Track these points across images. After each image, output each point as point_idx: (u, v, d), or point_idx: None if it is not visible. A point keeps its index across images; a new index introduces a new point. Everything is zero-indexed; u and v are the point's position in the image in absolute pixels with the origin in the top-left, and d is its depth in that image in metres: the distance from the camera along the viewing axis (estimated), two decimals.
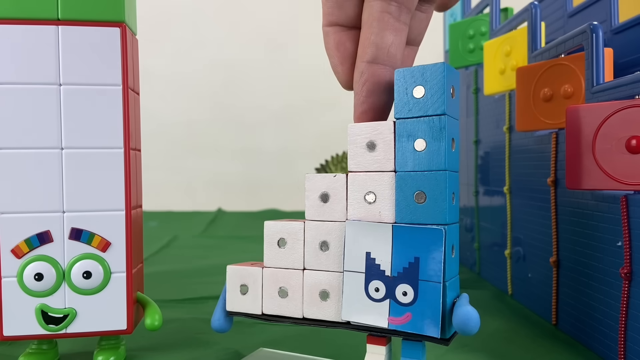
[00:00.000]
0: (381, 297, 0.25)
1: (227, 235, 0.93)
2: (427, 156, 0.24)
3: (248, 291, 0.29)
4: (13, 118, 0.30)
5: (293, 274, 0.28)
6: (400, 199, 0.25)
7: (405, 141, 0.25)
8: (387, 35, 0.26)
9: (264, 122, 1.38)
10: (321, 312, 0.27)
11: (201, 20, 1.38)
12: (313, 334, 0.38)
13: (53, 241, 0.31)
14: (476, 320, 0.23)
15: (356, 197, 0.26)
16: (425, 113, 0.24)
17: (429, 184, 0.24)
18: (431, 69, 0.24)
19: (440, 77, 0.24)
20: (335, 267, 0.27)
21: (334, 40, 0.27)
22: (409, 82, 0.25)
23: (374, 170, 0.26)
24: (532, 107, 0.41)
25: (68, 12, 0.30)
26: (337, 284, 0.27)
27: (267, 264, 0.29)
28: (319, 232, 0.27)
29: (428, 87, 0.24)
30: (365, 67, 0.26)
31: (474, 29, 0.58)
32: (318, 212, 0.27)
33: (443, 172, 0.24)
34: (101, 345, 0.34)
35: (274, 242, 0.28)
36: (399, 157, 0.25)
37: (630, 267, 0.31)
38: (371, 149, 0.26)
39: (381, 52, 0.26)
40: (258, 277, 0.29)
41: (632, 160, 0.30)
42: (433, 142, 0.24)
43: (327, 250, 0.27)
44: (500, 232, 0.52)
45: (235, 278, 0.30)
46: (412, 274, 0.24)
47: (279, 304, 0.28)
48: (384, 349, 0.26)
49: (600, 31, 0.34)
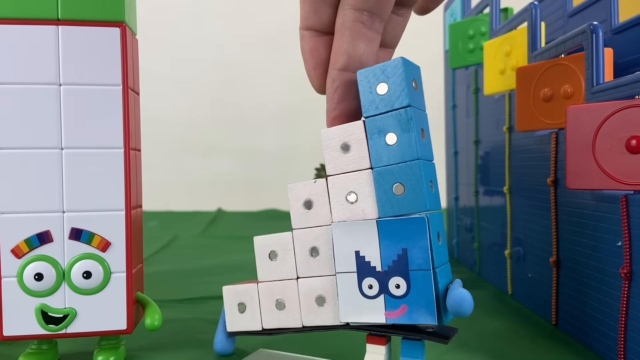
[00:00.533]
0: (375, 294, 0.25)
1: (227, 235, 0.93)
2: (400, 148, 0.25)
3: (246, 309, 0.30)
4: (13, 118, 0.30)
5: (288, 284, 0.28)
6: (380, 194, 0.25)
7: (377, 137, 0.25)
8: (358, 44, 0.26)
9: (264, 122, 1.38)
10: (320, 317, 0.27)
11: (201, 20, 1.38)
12: (313, 335, 0.38)
13: (53, 241, 0.31)
14: (469, 301, 0.24)
15: (338, 199, 0.27)
16: (392, 107, 0.25)
17: (405, 175, 0.25)
18: (390, 65, 0.25)
19: (399, 71, 0.25)
20: (327, 271, 0.27)
21: (309, 45, 0.28)
22: (372, 81, 0.25)
23: (351, 171, 0.26)
24: (532, 107, 0.41)
25: (68, 12, 0.30)
26: (332, 287, 0.27)
27: (262, 279, 0.29)
28: (307, 239, 0.28)
29: (390, 82, 0.25)
30: (337, 74, 0.26)
31: (474, 29, 0.58)
32: (304, 219, 0.28)
33: (417, 161, 0.25)
34: (101, 345, 0.34)
35: (265, 255, 0.29)
36: (373, 153, 0.26)
37: (630, 267, 0.31)
38: (346, 151, 0.26)
39: (352, 60, 0.26)
40: (254, 293, 0.29)
41: (632, 160, 0.30)
42: (403, 134, 0.25)
43: (317, 255, 0.27)
44: (500, 232, 0.52)
45: (232, 298, 0.30)
46: (402, 266, 0.25)
47: (277, 316, 0.29)
48: (383, 348, 0.27)
49: (600, 31, 0.34)
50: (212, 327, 0.41)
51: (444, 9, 0.74)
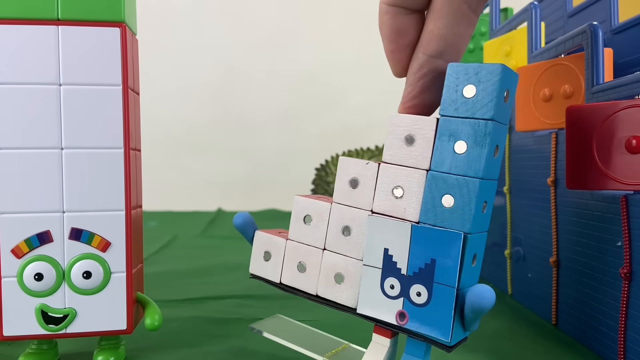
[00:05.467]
0: (396, 295, 0.25)
1: (227, 235, 0.93)
2: (466, 160, 0.23)
3: (271, 258, 0.30)
4: (13, 118, 0.30)
5: (313, 251, 0.28)
6: (427, 199, 0.24)
7: (445, 140, 0.23)
8: (459, 29, 0.23)
9: (264, 122, 1.38)
10: (334, 294, 0.27)
11: (201, 19, 1.38)
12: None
13: (53, 241, 0.31)
14: (491, 293, 0.22)
15: (384, 189, 0.25)
16: (472, 115, 0.23)
17: (459, 190, 0.23)
18: (487, 68, 0.22)
19: (495, 79, 0.22)
20: (354, 253, 0.27)
21: (395, 24, 0.24)
22: (461, 80, 0.23)
23: (407, 166, 0.25)
24: (532, 107, 0.41)
25: (68, 12, 0.30)
26: (354, 270, 0.27)
27: (291, 237, 0.29)
28: (343, 217, 0.27)
29: (480, 87, 0.22)
30: (427, 60, 0.24)
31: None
32: (346, 196, 0.27)
33: (478, 180, 0.23)
34: (101, 345, 0.34)
35: (301, 217, 0.28)
36: (437, 156, 0.24)
37: (630, 267, 0.31)
38: (409, 143, 0.24)
39: (449, 47, 0.24)
40: (281, 247, 0.29)
41: (632, 160, 0.30)
42: (475, 146, 0.23)
43: (348, 235, 0.27)
44: (500, 232, 0.52)
45: (261, 244, 0.30)
46: (427, 275, 0.24)
47: (296, 276, 0.28)
48: (388, 340, 0.27)
49: (600, 31, 0.34)
50: (212, 327, 0.41)
51: None
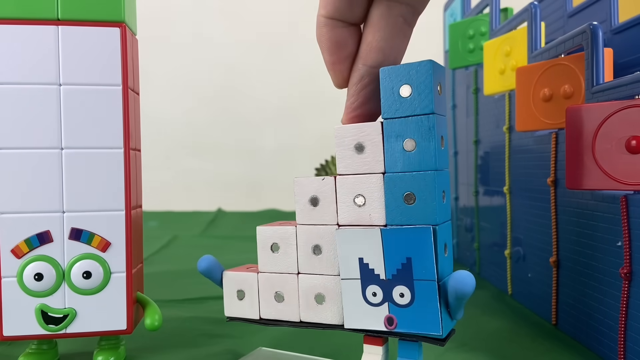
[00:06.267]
0: (380, 301, 0.25)
1: (227, 235, 0.93)
2: (417, 156, 0.24)
3: (245, 296, 0.29)
4: (13, 118, 0.30)
5: (288, 278, 0.28)
6: (390, 201, 0.25)
7: (394, 141, 0.24)
8: (396, 41, 0.24)
9: (264, 121, 1.38)
10: (318, 315, 0.27)
11: (201, 19, 1.38)
12: (312, 334, 0.38)
13: (53, 241, 0.31)
14: (472, 279, 0.23)
15: (345, 200, 0.26)
16: (413, 112, 0.24)
17: (417, 185, 0.24)
18: (417, 67, 0.23)
19: (426, 75, 0.23)
20: (330, 270, 0.27)
21: (334, 36, 0.25)
22: (395, 81, 0.24)
23: (363, 173, 0.25)
24: (531, 107, 0.41)
25: (68, 12, 0.30)
26: (332, 287, 0.27)
27: (262, 269, 0.29)
28: (311, 236, 0.27)
29: (415, 85, 0.24)
30: (367, 71, 0.25)
31: (474, 29, 0.58)
32: (308, 216, 0.27)
33: (432, 172, 0.24)
34: (101, 345, 0.34)
35: (267, 247, 0.28)
36: (388, 158, 0.25)
37: (630, 267, 0.31)
38: (360, 151, 0.25)
39: (387, 58, 0.25)
40: (254, 282, 0.29)
41: (632, 160, 0.30)
42: (422, 141, 0.24)
43: (320, 253, 0.27)
44: (500, 232, 0.52)
45: (232, 283, 0.30)
46: (407, 275, 0.24)
47: (276, 308, 0.28)
48: (380, 349, 0.27)
49: (600, 31, 0.34)
50: (212, 327, 0.41)
51: (444, 9, 0.74)
